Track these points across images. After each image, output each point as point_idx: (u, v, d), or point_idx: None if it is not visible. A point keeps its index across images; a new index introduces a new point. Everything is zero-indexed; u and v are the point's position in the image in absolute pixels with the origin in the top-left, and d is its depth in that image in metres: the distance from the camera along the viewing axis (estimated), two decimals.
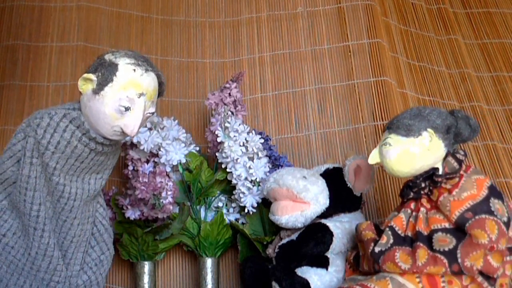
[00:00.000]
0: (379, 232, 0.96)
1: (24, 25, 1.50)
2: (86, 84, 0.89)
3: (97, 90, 0.88)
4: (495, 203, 0.86)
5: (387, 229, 0.94)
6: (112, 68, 0.88)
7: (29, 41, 1.48)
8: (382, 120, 1.39)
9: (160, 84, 0.95)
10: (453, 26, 1.63)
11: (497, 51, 1.61)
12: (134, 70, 0.89)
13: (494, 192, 0.88)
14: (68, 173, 0.92)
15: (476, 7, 1.69)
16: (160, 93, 0.96)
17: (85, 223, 0.97)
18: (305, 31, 1.52)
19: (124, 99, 0.88)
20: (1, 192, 0.94)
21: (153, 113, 0.94)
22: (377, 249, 0.91)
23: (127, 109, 0.88)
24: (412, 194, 0.95)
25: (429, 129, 0.93)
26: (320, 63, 1.48)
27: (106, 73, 0.88)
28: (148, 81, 0.90)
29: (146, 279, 1.21)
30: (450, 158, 0.94)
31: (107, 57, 0.91)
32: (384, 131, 1.00)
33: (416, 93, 1.49)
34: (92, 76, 0.88)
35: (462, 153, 0.95)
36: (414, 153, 0.93)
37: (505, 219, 0.85)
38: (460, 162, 0.93)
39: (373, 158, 0.99)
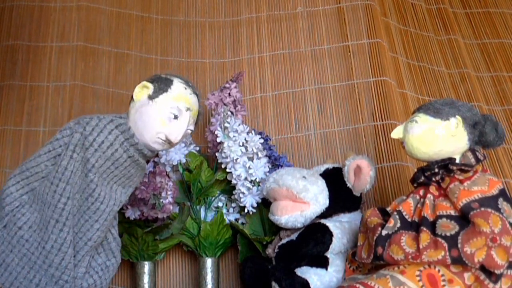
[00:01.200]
0: (385, 216, 0.97)
1: (24, 25, 1.50)
2: (142, 91, 0.99)
3: (153, 97, 0.98)
4: (503, 204, 0.87)
5: (395, 213, 0.94)
6: (168, 82, 1.00)
7: (29, 41, 1.48)
8: (382, 120, 1.39)
9: (200, 113, 1.05)
10: (453, 26, 1.63)
11: (496, 51, 1.61)
12: (185, 88, 1.01)
13: (504, 195, 0.89)
14: (102, 175, 0.97)
15: (476, 7, 1.70)
16: (196, 121, 1.05)
17: (103, 230, 0.99)
18: (305, 31, 1.53)
19: (175, 108, 0.98)
20: (23, 186, 0.96)
21: (192, 131, 1.03)
22: (384, 232, 0.91)
23: (175, 117, 0.98)
24: (423, 178, 0.96)
25: (457, 116, 0.95)
26: (320, 63, 1.48)
27: (162, 84, 1.00)
28: (194, 100, 1.02)
29: (146, 279, 1.21)
30: (469, 153, 0.95)
31: (163, 75, 1.03)
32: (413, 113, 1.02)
33: (416, 93, 1.50)
34: (150, 85, 0.99)
35: (482, 154, 0.96)
36: (438, 134, 0.94)
37: (511, 220, 0.85)
38: (478, 160, 0.94)
39: (397, 132, 1.00)
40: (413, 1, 1.66)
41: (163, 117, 0.97)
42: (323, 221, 1.09)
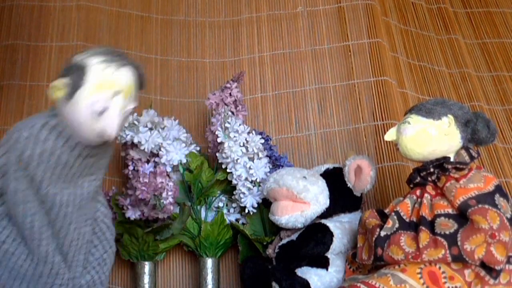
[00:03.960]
0: (383, 218, 0.97)
1: (23, 25, 1.50)
2: (56, 92, 0.85)
3: (68, 97, 0.84)
4: (500, 200, 0.87)
5: (393, 214, 0.95)
6: (81, 71, 0.83)
7: (28, 41, 1.48)
8: (382, 120, 1.39)
9: (140, 76, 0.90)
10: (453, 26, 1.63)
11: (497, 51, 1.61)
12: (106, 67, 0.84)
13: (500, 190, 0.89)
14: (58, 182, 0.89)
15: (476, 7, 1.69)
16: (140, 85, 0.91)
17: (83, 226, 0.95)
18: (305, 31, 1.52)
19: (97, 103, 0.83)
20: None
21: (134, 108, 0.89)
22: (383, 233, 0.92)
23: (101, 112, 0.84)
24: (419, 178, 0.96)
25: (449, 115, 0.95)
26: (320, 63, 1.48)
27: (75, 77, 0.83)
28: (122, 77, 0.85)
29: (146, 279, 1.21)
30: (463, 151, 0.95)
31: (76, 59, 0.86)
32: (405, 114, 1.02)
33: (416, 92, 1.49)
34: (60, 84, 0.84)
35: (476, 152, 0.97)
36: (431, 134, 0.95)
37: (508, 215, 0.86)
38: (472, 157, 0.95)
39: (390, 135, 1.00)
40: (413, 1, 1.66)
41: (87, 116, 0.84)
42: (323, 221, 1.09)
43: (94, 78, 0.83)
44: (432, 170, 0.95)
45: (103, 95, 0.83)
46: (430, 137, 0.95)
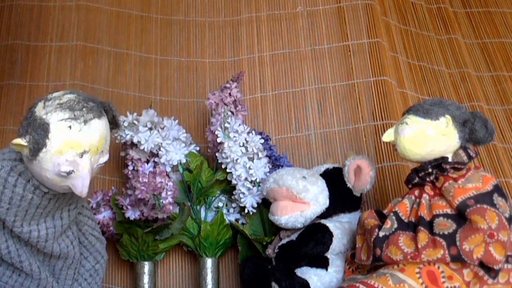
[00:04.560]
0: (382, 218, 0.97)
1: (23, 25, 1.50)
2: (19, 148, 0.78)
3: (32, 156, 0.77)
4: (498, 199, 0.87)
5: (391, 214, 0.95)
6: (43, 129, 0.76)
7: (28, 41, 1.48)
8: (382, 120, 1.39)
9: (112, 118, 0.83)
10: (453, 26, 1.63)
11: (497, 51, 1.61)
12: (70, 127, 0.76)
13: (499, 190, 0.90)
14: (33, 220, 0.85)
15: (476, 7, 1.69)
16: (114, 127, 0.84)
17: (65, 247, 0.92)
18: (305, 30, 1.52)
19: (64, 164, 0.76)
20: None
21: (106, 162, 0.82)
22: (381, 234, 0.92)
23: (69, 173, 0.77)
24: (417, 179, 0.96)
25: (447, 115, 0.95)
26: (320, 63, 1.48)
27: (37, 136, 0.76)
28: (90, 134, 0.77)
29: (146, 279, 1.21)
30: (461, 151, 0.96)
31: (38, 112, 0.78)
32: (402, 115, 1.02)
33: (416, 92, 1.49)
34: (22, 142, 0.77)
35: (474, 151, 0.97)
36: (428, 134, 0.95)
37: (506, 215, 0.86)
38: (470, 157, 0.95)
39: (388, 136, 1.00)
40: (413, 1, 1.66)
41: (55, 176, 0.78)
42: (323, 221, 1.09)
43: (58, 139, 0.76)
44: (430, 170, 0.95)
45: (68, 156, 0.76)
46: (428, 137, 0.95)
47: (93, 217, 1.03)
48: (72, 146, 0.76)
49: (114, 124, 0.84)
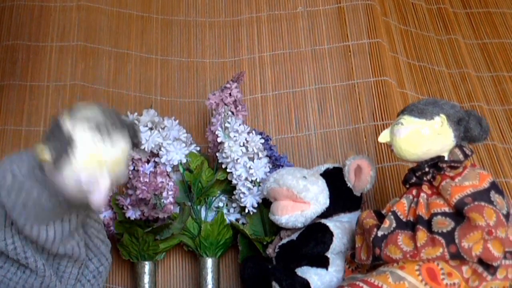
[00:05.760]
0: (380, 218, 0.98)
1: (24, 25, 1.50)
2: (42, 154, 0.80)
3: (56, 165, 0.79)
4: (495, 196, 0.88)
5: (390, 214, 0.95)
6: (68, 143, 0.78)
7: (29, 41, 1.48)
8: (382, 120, 1.39)
9: (133, 137, 0.84)
10: (453, 26, 1.63)
11: (497, 51, 1.61)
12: (95, 140, 0.78)
13: (495, 187, 0.90)
14: (42, 223, 0.86)
15: (476, 7, 1.70)
16: (135, 146, 0.85)
17: (71, 248, 0.93)
18: (305, 31, 1.52)
19: (85, 180, 0.78)
20: None
21: (124, 180, 0.86)
22: (380, 233, 0.92)
23: (89, 189, 0.79)
24: (414, 178, 0.97)
25: (441, 115, 0.96)
26: (320, 63, 1.48)
27: (61, 149, 0.78)
28: (113, 153, 0.80)
29: (146, 279, 1.21)
30: (456, 150, 0.96)
31: (63, 123, 0.80)
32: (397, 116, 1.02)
33: (416, 93, 1.49)
34: (46, 152, 0.79)
35: (470, 149, 0.97)
36: (424, 134, 0.95)
37: (504, 211, 0.86)
38: (466, 155, 0.95)
39: (384, 136, 1.01)
40: (413, 1, 1.66)
41: (74, 189, 0.79)
42: (323, 221, 1.09)
43: (83, 154, 0.78)
44: (427, 169, 0.95)
45: (90, 172, 0.78)
46: (424, 137, 0.95)
47: (100, 220, 1.04)
48: (95, 162, 0.78)
49: (133, 144, 0.86)
